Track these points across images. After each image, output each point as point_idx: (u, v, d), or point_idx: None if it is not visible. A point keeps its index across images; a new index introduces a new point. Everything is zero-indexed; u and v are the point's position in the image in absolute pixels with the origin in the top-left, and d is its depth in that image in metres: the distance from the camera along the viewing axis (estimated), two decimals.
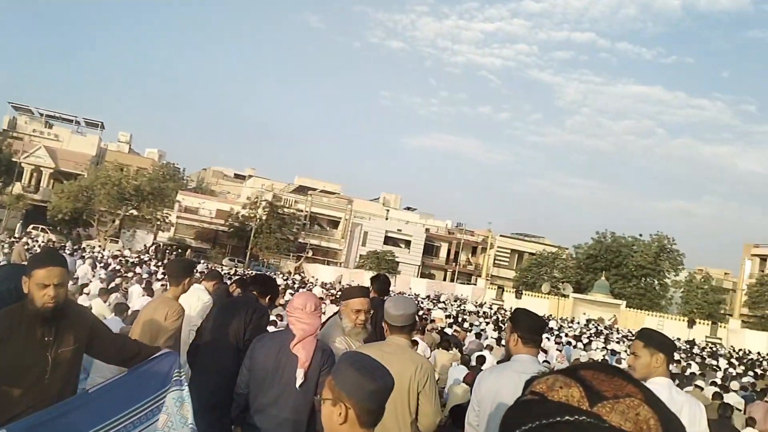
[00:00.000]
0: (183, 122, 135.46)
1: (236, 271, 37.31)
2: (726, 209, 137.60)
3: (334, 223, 61.30)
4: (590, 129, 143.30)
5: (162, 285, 16.53)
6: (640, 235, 49.81)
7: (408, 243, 59.81)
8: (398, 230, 60.19)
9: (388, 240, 58.72)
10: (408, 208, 69.22)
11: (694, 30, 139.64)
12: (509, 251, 63.83)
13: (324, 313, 3.92)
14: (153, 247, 48.04)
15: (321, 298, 21.68)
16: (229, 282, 8.11)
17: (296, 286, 30.39)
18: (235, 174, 79.71)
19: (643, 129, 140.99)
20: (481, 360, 10.91)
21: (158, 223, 50.89)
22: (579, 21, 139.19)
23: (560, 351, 15.63)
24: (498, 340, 15.05)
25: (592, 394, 0.70)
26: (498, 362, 8.52)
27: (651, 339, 3.27)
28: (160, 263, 29.46)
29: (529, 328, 3.21)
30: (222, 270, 36.72)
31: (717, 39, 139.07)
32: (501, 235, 64.15)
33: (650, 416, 0.69)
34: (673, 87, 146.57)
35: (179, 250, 48.41)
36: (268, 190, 58.63)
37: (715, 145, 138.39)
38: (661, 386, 3.11)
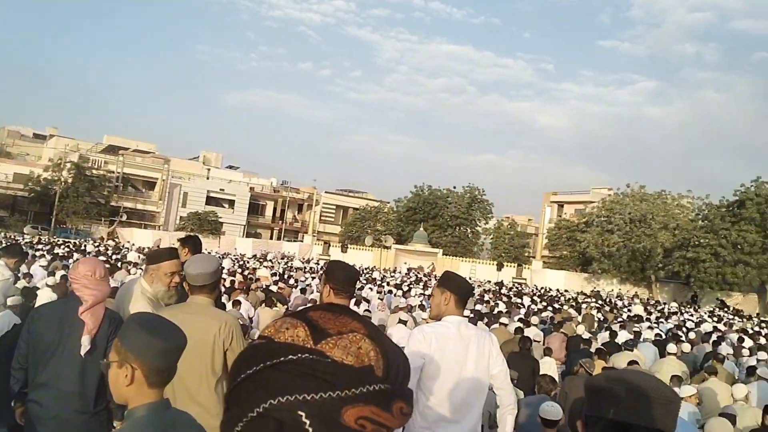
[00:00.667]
0: None
1: (39, 239, 33.78)
2: (529, 161, 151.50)
3: (150, 185, 57.68)
4: (408, 87, 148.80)
5: None
6: (454, 187, 53.07)
7: (232, 203, 58.23)
8: (221, 190, 58.31)
9: (210, 200, 56.69)
10: (230, 167, 67.11)
11: None
12: (334, 207, 64.82)
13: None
14: None
15: (135, 263, 20.38)
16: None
17: (110, 252, 28.32)
18: (34, 134, 70.96)
19: (455, 87, 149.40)
20: None
21: None
22: None
23: (381, 300, 16.21)
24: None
25: (316, 333, 0.73)
26: None
27: (444, 281, 3.42)
28: None
29: (342, 279, 3.23)
30: (23, 239, 33.04)
31: (522, 1, 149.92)
32: (326, 192, 64.84)
33: (371, 349, 0.73)
34: (482, 47, 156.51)
35: None
36: (73, 150, 53.40)
37: (519, 101, 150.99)
38: (450, 323, 3.31)
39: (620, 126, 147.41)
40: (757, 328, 20.03)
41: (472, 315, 13.38)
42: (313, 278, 22.70)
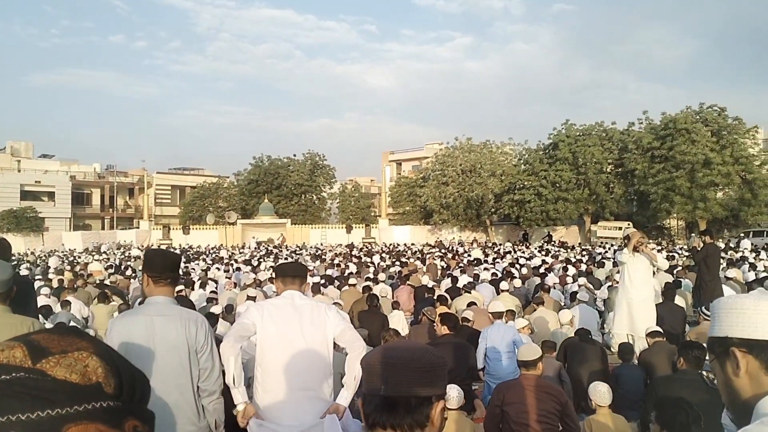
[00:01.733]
0: None
1: None
2: (365, 122, 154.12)
3: None
4: (232, 54, 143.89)
5: None
6: (294, 155, 52.60)
7: (52, 195, 53.15)
8: (37, 182, 52.94)
9: (26, 195, 51.28)
10: (44, 156, 61.04)
11: None
12: (170, 187, 61.65)
13: None
14: None
15: None
16: None
17: None
18: None
19: (282, 52, 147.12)
20: None
21: None
22: None
23: (229, 278, 15.79)
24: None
25: (36, 352, 0.70)
26: None
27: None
28: None
29: (160, 267, 3.11)
30: None
31: None
32: (158, 173, 61.39)
33: (98, 366, 0.71)
34: (304, 10, 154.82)
35: None
36: None
37: (347, 64, 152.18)
38: (284, 297, 3.36)
39: (444, 81, 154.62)
40: (579, 257, 22.22)
41: (322, 281, 13.49)
42: None
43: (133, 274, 17.36)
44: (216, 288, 13.38)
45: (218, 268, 19.81)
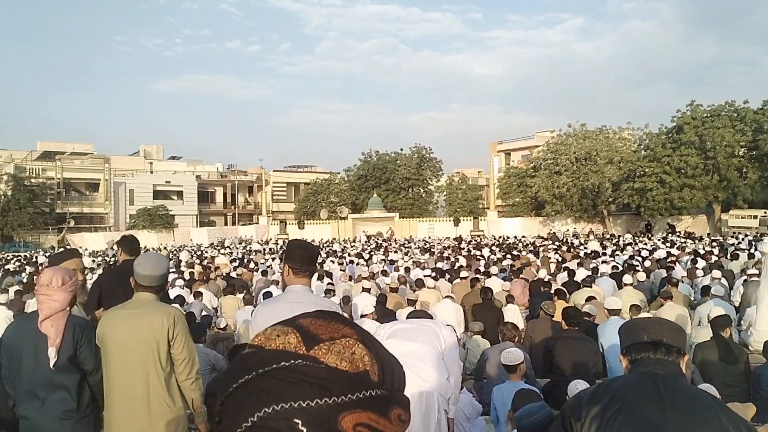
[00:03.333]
0: None
1: None
2: (470, 113, 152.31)
3: (94, 186, 55.90)
4: (340, 53, 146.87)
5: None
6: (402, 149, 53.07)
7: (180, 193, 57.00)
8: (167, 182, 56.97)
9: (157, 194, 55.34)
10: (173, 158, 65.51)
11: None
12: (285, 184, 64.13)
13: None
14: None
15: (91, 269, 19.82)
16: None
17: None
18: None
19: (387, 47, 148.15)
20: (268, 295, 10.86)
21: None
22: None
23: (344, 271, 16.20)
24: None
25: (308, 339, 0.72)
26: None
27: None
28: None
29: (300, 258, 3.28)
30: None
31: None
32: (275, 170, 64.03)
33: (365, 354, 0.72)
34: (408, 3, 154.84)
35: None
36: (7, 162, 51.23)
37: (452, 54, 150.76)
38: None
39: (554, 66, 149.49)
40: (708, 248, 20.76)
41: (433, 273, 13.53)
42: (273, 259, 22.53)
43: (256, 267, 18.24)
44: (332, 280, 13.77)
45: (332, 261, 20.36)
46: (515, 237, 35.40)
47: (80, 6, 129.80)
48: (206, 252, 32.32)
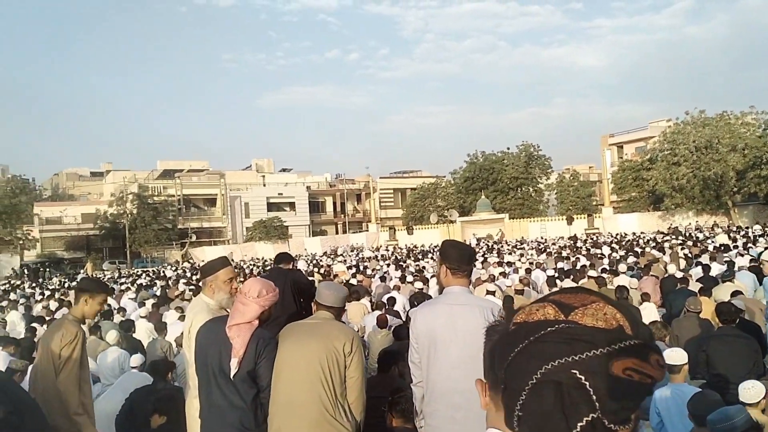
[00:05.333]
0: (21, 130, 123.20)
1: (120, 273, 35.22)
2: (575, 106, 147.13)
3: (211, 201, 59.24)
4: (438, 54, 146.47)
5: (44, 307, 15.31)
6: (508, 148, 52.18)
7: (292, 205, 59.14)
8: (279, 194, 59.30)
9: (271, 206, 57.72)
10: (284, 170, 68.17)
11: None
12: (392, 191, 64.91)
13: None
14: (23, 268, 44.51)
15: None
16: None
17: (188, 274, 29.27)
18: (91, 173, 73.84)
19: (485, 45, 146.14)
20: (392, 301, 11.05)
21: (21, 242, 46.82)
22: None
23: None
24: (402, 278, 15.36)
25: (563, 308, 0.84)
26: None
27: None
28: (35, 284, 27.46)
29: (457, 258, 3.26)
30: (104, 276, 34.57)
31: None
32: (381, 177, 65.01)
33: (615, 312, 0.83)
34: None
35: (51, 266, 45.16)
36: (131, 182, 55.38)
37: (554, 47, 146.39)
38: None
39: (664, 52, 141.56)
40: None
41: (556, 274, 13.20)
42: (388, 265, 22.91)
43: (372, 273, 18.61)
44: None
45: None
46: (633, 233, 33.82)
47: (189, 28, 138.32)
48: (321, 261, 33.33)
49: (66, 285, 25.20)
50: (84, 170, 74.82)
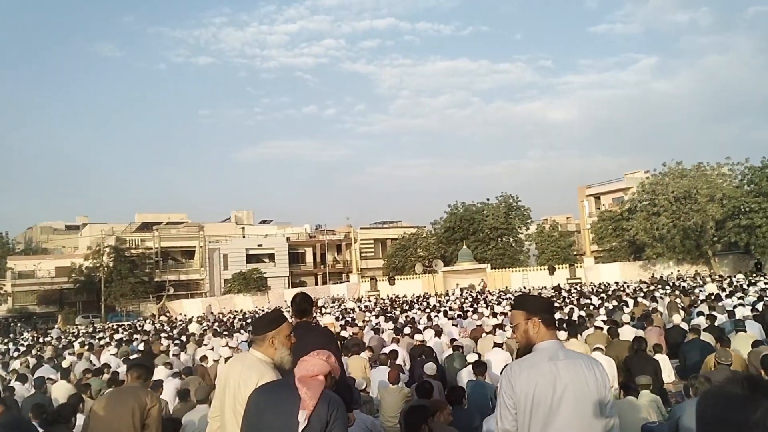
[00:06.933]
0: None
1: (94, 328, 34.06)
2: (549, 159, 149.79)
3: (190, 254, 58.26)
4: (413, 109, 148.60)
5: (22, 363, 14.52)
6: (488, 199, 52.53)
7: (272, 256, 58.43)
8: (259, 246, 58.61)
9: (250, 258, 56.94)
10: (264, 221, 67.63)
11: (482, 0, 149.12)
12: (372, 241, 64.58)
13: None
14: None
15: (200, 334, 20.32)
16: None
17: (165, 327, 28.39)
18: (66, 226, 72.44)
19: (460, 100, 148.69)
20: (394, 355, 10.65)
21: None
22: (377, 8, 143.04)
23: (456, 326, 15.83)
24: (397, 330, 14.93)
25: None
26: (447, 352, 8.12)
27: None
28: (6, 339, 26.49)
29: (546, 309, 3.05)
30: (78, 330, 33.37)
31: (503, 4, 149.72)
32: (361, 228, 64.74)
33: None
34: (477, 56, 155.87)
35: (22, 321, 43.67)
36: (108, 234, 54.37)
37: (525, 102, 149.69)
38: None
39: (633, 106, 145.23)
40: None
41: (564, 325, 12.91)
42: (376, 316, 22.40)
43: (363, 325, 18.13)
44: (455, 336, 13.37)
45: (436, 316, 19.95)
46: (616, 282, 33.87)
47: (167, 84, 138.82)
48: None
49: (40, 341, 24.22)
50: (59, 224, 73.24)
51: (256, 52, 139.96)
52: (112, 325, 36.85)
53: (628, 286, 29.95)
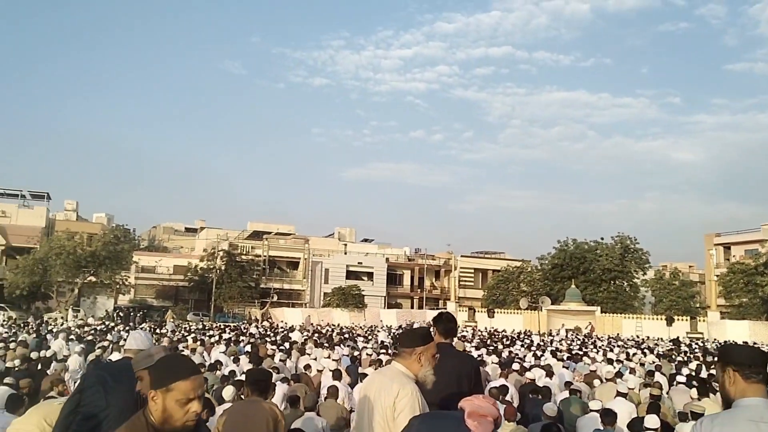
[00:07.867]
0: (126, 184, 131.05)
1: (204, 325, 35.35)
2: (669, 202, 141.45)
3: (294, 264, 59.84)
4: (524, 139, 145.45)
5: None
6: (602, 238, 50.01)
7: (370, 275, 58.74)
8: (359, 263, 59.17)
9: (350, 274, 57.57)
10: (365, 240, 68.31)
11: (607, 30, 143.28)
12: (473, 270, 63.36)
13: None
14: (116, 311, 46.11)
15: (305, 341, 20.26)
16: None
17: (269, 333, 28.82)
18: (186, 228, 77.58)
19: (574, 133, 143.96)
20: (504, 390, 9.87)
21: (117, 286, 48.75)
22: (493, 36, 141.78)
23: (567, 368, 14.67)
24: (502, 365, 14.05)
25: None
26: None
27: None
28: (127, 327, 28.15)
29: (750, 360, 2.61)
30: (189, 326, 34.75)
31: (630, 37, 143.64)
32: (462, 256, 63.71)
33: None
34: (597, 89, 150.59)
35: (142, 311, 46.51)
36: (222, 239, 56.94)
37: (647, 140, 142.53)
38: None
39: None
40: None
41: (684, 379, 11.55)
42: (477, 348, 21.44)
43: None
44: (570, 378, 12.33)
45: (542, 356, 18.76)
46: (745, 342, 30.78)
47: (285, 103, 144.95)
48: (397, 334, 32.09)
49: (157, 331, 25.44)
50: (179, 225, 78.58)
51: (369, 75, 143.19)
52: (220, 325, 38.18)
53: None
